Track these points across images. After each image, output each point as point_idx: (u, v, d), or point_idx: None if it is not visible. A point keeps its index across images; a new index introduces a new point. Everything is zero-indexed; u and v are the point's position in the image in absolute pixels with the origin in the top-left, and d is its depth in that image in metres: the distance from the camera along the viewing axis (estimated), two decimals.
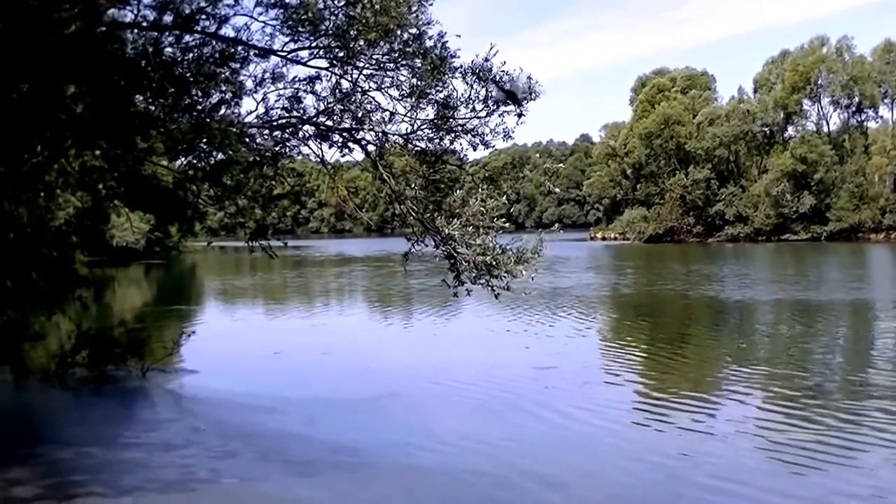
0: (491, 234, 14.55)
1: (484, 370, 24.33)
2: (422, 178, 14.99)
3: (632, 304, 44.53)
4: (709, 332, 32.76)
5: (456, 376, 23.61)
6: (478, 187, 14.72)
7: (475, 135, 14.59)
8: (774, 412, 18.75)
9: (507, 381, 22.72)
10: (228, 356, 28.16)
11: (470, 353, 27.89)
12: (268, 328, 36.55)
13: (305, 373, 25.04)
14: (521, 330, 33.15)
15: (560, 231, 17.19)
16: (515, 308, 38.28)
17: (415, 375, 24.06)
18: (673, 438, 16.91)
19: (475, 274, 14.68)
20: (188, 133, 14.51)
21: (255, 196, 16.19)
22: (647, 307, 42.66)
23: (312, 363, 26.63)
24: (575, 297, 46.03)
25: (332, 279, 70.32)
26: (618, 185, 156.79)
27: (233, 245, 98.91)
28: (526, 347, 28.78)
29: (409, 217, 15.00)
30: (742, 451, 15.77)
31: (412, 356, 27.83)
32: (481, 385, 22.34)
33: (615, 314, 40.68)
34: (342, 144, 15.23)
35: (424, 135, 14.82)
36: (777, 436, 16.73)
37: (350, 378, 23.75)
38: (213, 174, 15.46)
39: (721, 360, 26.04)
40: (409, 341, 31.74)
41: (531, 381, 22.61)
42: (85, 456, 15.76)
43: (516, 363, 25.50)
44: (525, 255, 14.49)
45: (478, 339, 31.69)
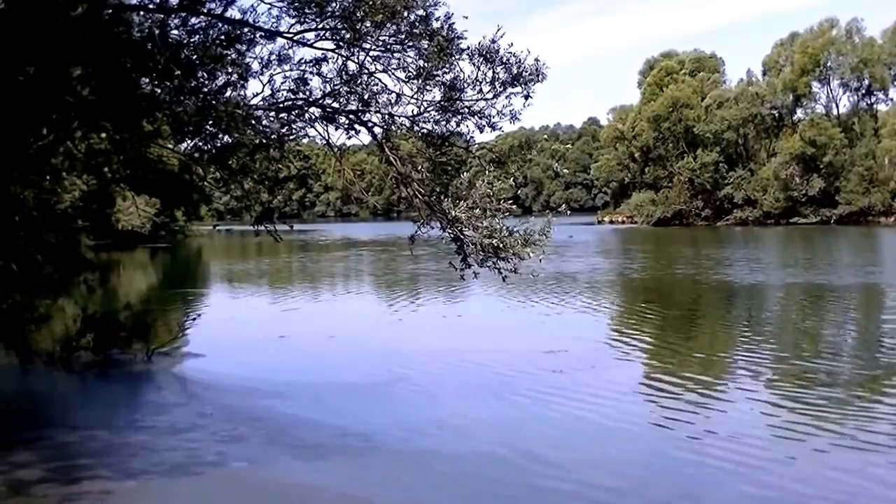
0: (498, 217, 14.53)
1: (493, 353, 24.34)
2: (428, 161, 14.98)
3: (641, 287, 44.54)
4: (719, 317, 32.75)
5: (465, 359, 23.63)
6: (484, 170, 14.73)
7: (482, 117, 14.58)
8: (786, 398, 18.71)
9: (516, 364, 22.72)
10: (234, 340, 28.19)
11: (478, 337, 27.90)
12: (273, 312, 36.54)
13: (312, 357, 25.08)
14: (529, 313, 33.17)
15: (568, 214, 17.15)
16: (523, 291, 38.28)
17: (423, 359, 24.07)
18: (684, 423, 16.90)
19: (482, 256, 14.68)
20: (194, 116, 14.49)
21: (260, 179, 16.17)
22: (656, 291, 42.65)
23: (319, 347, 26.67)
24: (583, 281, 46.06)
25: (338, 263, 70.40)
26: (626, 168, 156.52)
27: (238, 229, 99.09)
28: (535, 331, 28.80)
29: (416, 200, 15.00)
30: (754, 436, 15.75)
31: (420, 340, 27.85)
32: (490, 368, 22.36)
33: (624, 298, 40.68)
34: (348, 127, 15.22)
35: (431, 117, 14.81)
36: (790, 422, 16.71)
37: (357, 362, 23.78)
38: (218, 157, 15.46)
39: (732, 344, 26.04)
40: (416, 325, 31.77)
41: (541, 365, 22.61)
42: (90, 439, 15.82)
43: (525, 346, 25.51)
44: (532, 238, 14.48)
45: (486, 322, 31.71)
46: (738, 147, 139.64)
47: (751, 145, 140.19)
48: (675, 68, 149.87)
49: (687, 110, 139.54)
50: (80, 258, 21.43)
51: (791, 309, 34.12)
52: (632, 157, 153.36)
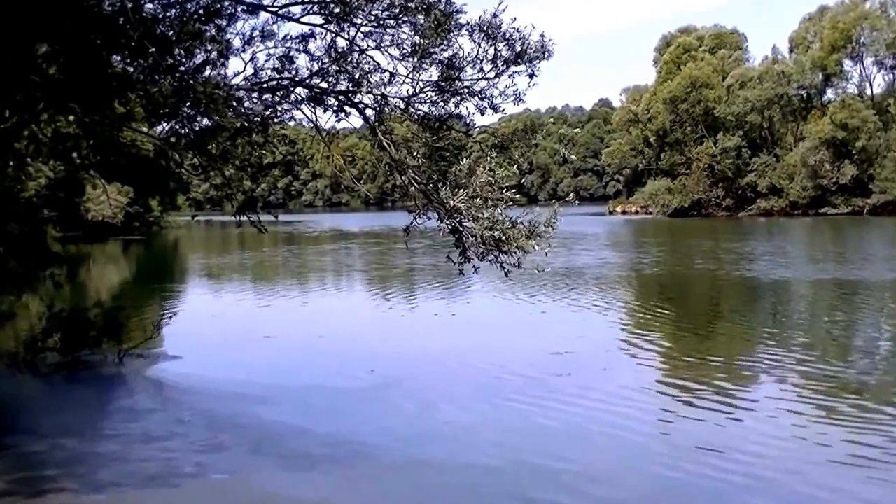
0: (500, 207, 14.51)
1: (495, 355, 24.38)
2: (425, 146, 14.98)
3: (656, 283, 44.57)
4: (741, 315, 32.71)
5: (464, 361, 23.66)
6: (486, 155, 14.71)
7: (483, 98, 14.56)
8: (813, 404, 18.72)
9: (520, 366, 22.74)
10: (214, 340, 28.23)
11: (479, 337, 27.93)
12: (257, 310, 36.59)
13: (300, 358, 25.10)
14: (534, 311, 33.21)
15: (576, 203, 17.10)
16: (528, 287, 38.30)
17: (419, 361, 24.11)
18: (701, 431, 16.92)
19: (483, 250, 14.67)
20: (170, 97, 14.48)
21: (243, 165, 16.17)
22: (672, 287, 42.72)
23: (307, 348, 26.70)
24: (593, 276, 46.10)
25: (327, 256, 70.40)
26: (640, 153, 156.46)
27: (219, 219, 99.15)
28: (540, 330, 28.83)
29: (411, 188, 14.99)
30: (776, 448, 15.75)
31: (416, 340, 27.91)
32: (492, 371, 22.39)
33: (638, 295, 40.68)
34: (338, 109, 15.20)
35: (428, 98, 14.79)
36: (816, 429, 16.74)
37: (349, 364, 23.79)
38: (197, 142, 15.45)
39: (755, 345, 26.04)
40: (412, 324, 31.79)
41: (547, 367, 22.63)
42: (57, 448, 15.82)
43: (530, 347, 25.54)
44: (538, 229, 14.46)
45: (487, 320, 31.76)
46: (763, 131, 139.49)
47: (776, 129, 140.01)
48: (693, 45, 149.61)
49: (706, 91, 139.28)
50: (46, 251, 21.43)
51: (820, 307, 34.13)
52: (646, 142, 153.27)
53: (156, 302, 39.75)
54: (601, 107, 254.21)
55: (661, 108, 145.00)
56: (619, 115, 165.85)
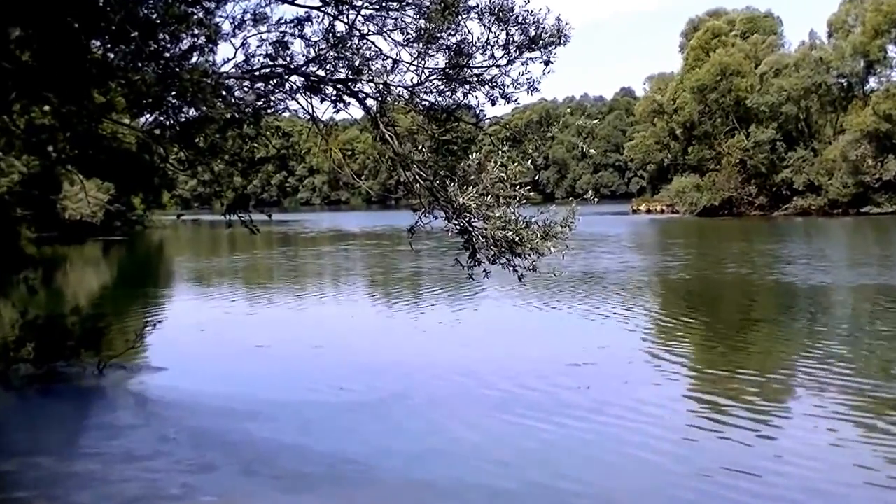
0: (513, 205, 14.50)
1: (507, 367, 24.35)
2: (431, 139, 14.98)
3: (683, 289, 44.48)
4: (775, 325, 32.61)
5: (473, 374, 23.64)
6: (497, 150, 14.69)
7: (494, 87, 14.56)
8: (852, 422, 18.60)
9: (533, 379, 22.73)
10: (202, 350, 28.26)
11: (490, 347, 27.92)
12: (249, 317, 36.60)
13: (295, 370, 25.10)
14: (550, 319, 33.21)
15: (596, 202, 17.09)
16: (543, 293, 38.30)
17: (425, 373, 24.09)
18: (729, 451, 16.86)
19: (494, 252, 14.66)
20: (154, 85, 14.49)
21: (233, 160, 16.18)
22: (701, 294, 42.64)
23: (303, 359, 26.69)
24: (615, 282, 46.04)
25: (325, 259, 70.39)
26: (665, 147, 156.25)
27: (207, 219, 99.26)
28: (556, 340, 28.80)
29: (416, 185, 14.99)
30: (812, 467, 15.68)
31: (421, 350, 27.87)
32: (503, 385, 22.36)
33: (663, 302, 40.61)
34: (336, 99, 15.21)
35: (434, 87, 14.79)
36: (855, 450, 16.67)
37: (349, 376, 23.78)
38: (183, 134, 15.46)
39: (789, 357, 25.97)
40: (417, 333, 31.77)
41: (562, 380, 22.61)
42: (30, 468, 15.82)
43: (544, 358, 25.52)
44: (554, 230, 14.45)
45: (499, 329, 31.75)
46: (799, 123, 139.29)
47: (814, 120, 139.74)
48: (723, 29, 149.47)
49: (738, 79, 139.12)
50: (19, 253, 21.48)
51: (862, 317, 34.03)
52: (672, 135, 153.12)
53: (139, 308, 39.75)
54: (623, 97, 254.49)
55: (689, 98, 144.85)
56: (643, 105, 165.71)
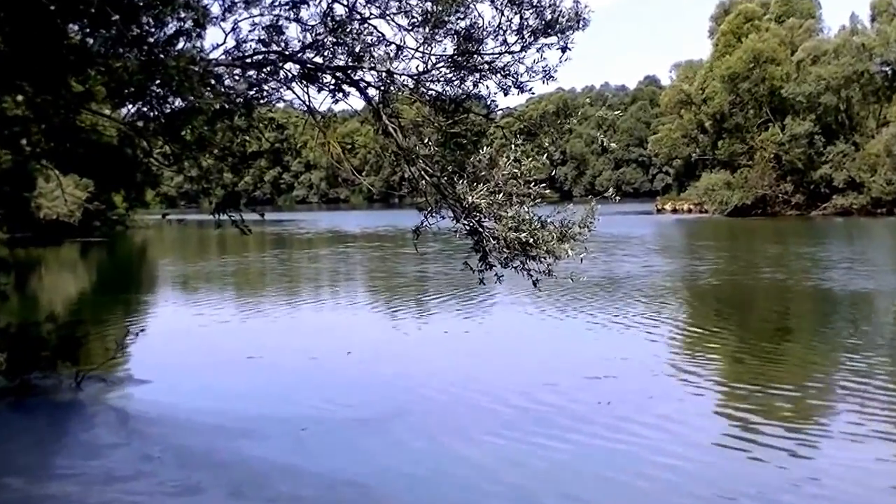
0: (527, 204, 14.49)
1: (519, 380, 24.34)
2: (438, 132, 14.98)
3: (713, 296, 44.40)
4: (813, 335, 32.58)
5: (483, 388, 23.61)
6: (510, 143, 14.68)
7: (506, 75, 14.56)
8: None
9: (548, 394, 22.71)
10: (189, 362, 28.26)
11: (500, 358, 27.93)
12: (239, 326, 36.60)
13: (290, 384, 25.09)
14: (567, 328, 33.19)
15: (617, 200, 17.02)
16: (560, 300, 38.29)
17: (430, 387, 24.07)
18: (762, 474, 16.81)
19: (507, 255, 14.66)
20: (137, 73, 14.50)
21: (223, 155, 16.19)
22: (732, 301, 42.57)
23: (299, 371, 26.69)
24: (638, 287, 46.00)
25: (322, 263, 70.46)
26: (693, 141, 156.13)
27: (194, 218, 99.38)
28: (573, 351, 28.79)
29: (422, 182, 14.99)
30: (852, 492, 15.63)
31: (426, 362, 27.85)
32: (515, 399, 22.34)
33: (691, 310, 40.59)
34: (335, 88, 15.22)
35: (441, 75, 14.80)
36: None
37: (347, 390, 23.80)
38: (169, 126, 15.47)
39: (829, 371, 25.88)
40: (421, 343, 31.77)
41: (580, 395, 22.60)
42: (2, 489, 15.83)
43: (561, 371, 25.50)
44: (571, 231, 14.44)
45: (511, 339, 31.76)
46: (839, 114, 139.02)
47: (855, 112, 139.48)
48: (756, 13, 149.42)
49: (772, 67, 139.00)
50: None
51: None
52: (701, 128, 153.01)
53: (120, 316, 39.79)
54: (647, 86, 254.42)
55: (719, 88, 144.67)
56: (669, 95, 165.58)
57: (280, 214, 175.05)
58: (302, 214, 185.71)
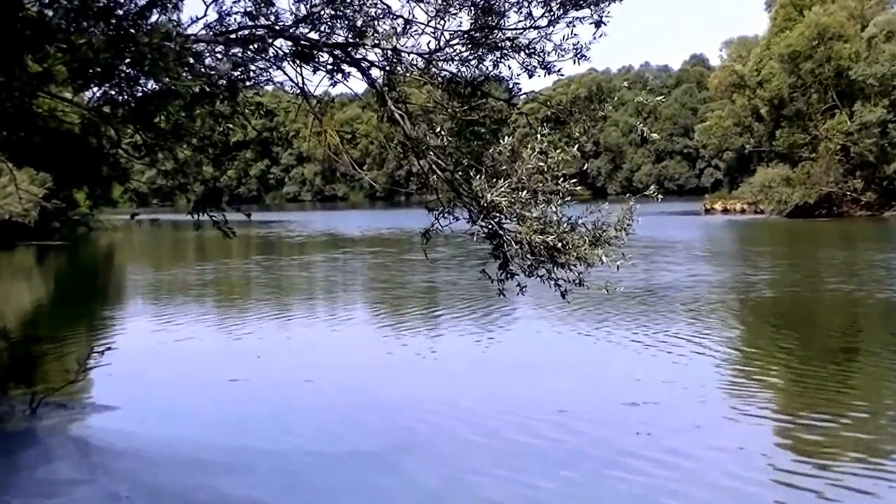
0: (555, 203, 14.44)
1: (545, 407, 24.32)
2: (452, 119, 14.96)
3: (769, 310, 44.32)
4: (890, 356, 32.42)
5: (504, 417, 23.60)
6: (535, 133, 14.63)
7: (531, 54, 14.52)
8: None
9: (579, 422, 22.71)
10: (163, 385, 28.24)
11: (524, 382, 27.85)
12: (221, 344, 36.61)
13: (279, 411, 25.07)
14: (600, 347, 33.16)
15: (659, 199, 16.95)
16: (592, 313, 38.29)
17: (442, 415, 24.06)
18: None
19: (531, 261, 14.60)
20: (103, 51, 14.49)
21: (202, 145, 16.17)
22: (792, 316, 42.51)
23: (290, 397, 26.66)
24: (683, 299, 45.94)
25: (316, 271, 70.47)
26: (747, 130, 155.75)
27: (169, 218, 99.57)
28: (608, 373, 28.77)
29: (433, 177, 14.96)
30: None
31: (437, 387, 27.81)
32: (542, 430, 22.32)
33: (745, 325, 40.43)
34: (333, 68, 15.20)
35: (456, 53, 14.77)
36: None
37: (347, 419, 23.80)
38: (140, 112, 15.46)
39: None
40: (432, 364, 31.63)
41: (617, 424, 22.59)
42: None
43: (594, 396, 25.52)
44: (606, 234, 14.40)
45: (535, 359, 31.63)
46: None
47: None
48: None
49: (839, 44, 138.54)
50: None
51: None
52: (756, 115, 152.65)
53: (82, 332, 39.85)
54: (694, 66, 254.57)
55: (777, 69, 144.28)
56: (719, 77, 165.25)
57: (268, 214, 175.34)
58: (293, 214, 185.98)
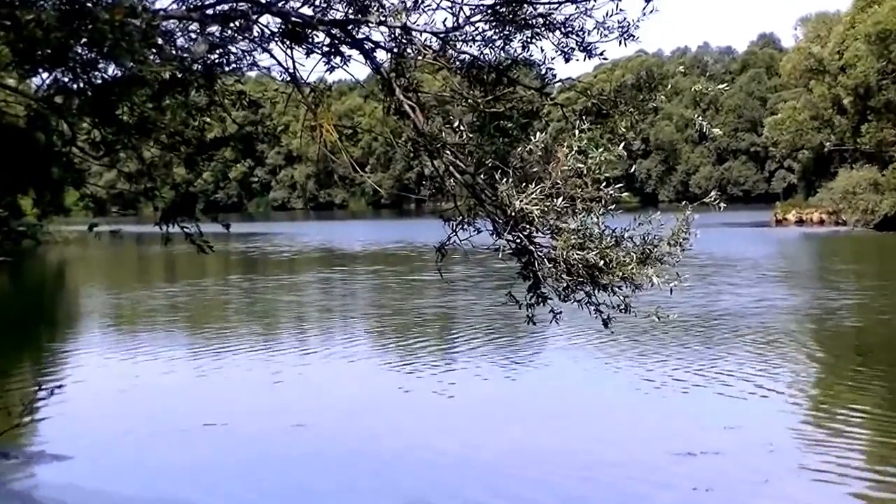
0: (596, 213, 14.36)
1: (584, 458, 24.35)
2: (472, 111, 14.95)
3: (853, 342, 44.21)
4: None
5: (535, 470, 23.61)
6: (573, 128, 14.59)
7: (568, 32, 14.50)
8: None
9: (626, 477, 22.73)
10: (123, 431, 28.22)
11: (558, 428, 27.81)
12: (195, 381, 36.58)
13: (265, 461, 25.11)
14: (650, 386, 33.13)
15: (721, 208, 16.86)
16: (639, 345, 38.28)
17: (461, 469, 24.07)
18: None
19: (567, 283, 14.50)
20: (55, 30, 14.53)
21: (173, 143, 16.19)
22: (882, 348, 42.35)
23: (274, 446, 26.61)
24: (749, 329, 45.84)
25: (308, 293, 70.37)
26: (826, 125, 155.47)
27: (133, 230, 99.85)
28: (658, 416, 28.76)
29: (450, 181, 14.93)
30: None
31: (454, 434, 27.72)
32: (580, 487, 22.36)
33: (823, 360, 40.24)
34: (330, 50, 15.21)
35: (478, 33, 14.76)
36: None
37: (340, 475, 23.80)
38: (99, 103, 15.48)
39: None
40: (445, 407, 31.57)
41: (670, 478, 22.59)
42: None
43: (642, 444, 25.49)
44: (658, 250, 14.36)
45: (573, 401, 31.67)
46: None
47: None
48: None
49: None
50: None
51: None
52: (838, 106, 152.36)
53: (27, 367, 39.89)
54: (763, 48, 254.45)
55: (863, 51, 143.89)
56: (793, 61, 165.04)
57: (251, 225, 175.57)
58: (281, 225, 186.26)
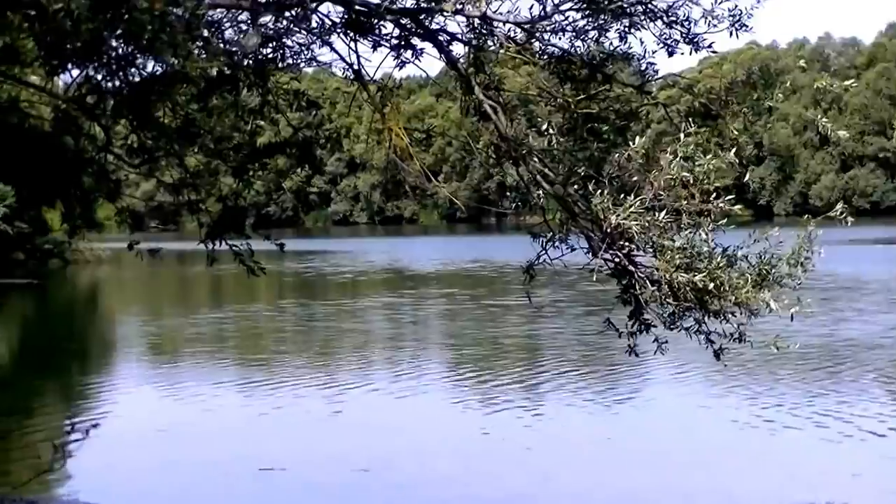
0: (705, 228, 14.30)
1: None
2: (562, 112, 14.93)
3: None
4: None
5: None
6: (677, 131, 14.53)
7: (672, 23, 14.46)
8: None
9: None
10: (165, 477, 28.28)
11: (663, 474, 27.74)
12: (245, 420, 36.60)
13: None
14: (766, 426, 32.98)
15: (849, 223, 16.67)
16: (755, 381, 38.13)
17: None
18: None
19: (673, 308, 14.46)
20: (86, 21, 14.53)
21: (220, 149, 16.19)
22: None
23: (339, 492, 26.67)
24: (881, 362, 45.55)
25: (374, 320, 70.43)
26: None
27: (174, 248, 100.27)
28: (777, 462, 28.64)
29: (537, 192, 14.90)
30: None
31: (543, 479, 27.69)
32: None
33: None
34: (399, 43, 15.21)
35: (568, 22, 14.74)
36: None
37: None
38: (136, 104, 15.49)
39: None
40: (533, 450, 31.43)
41: None
42: None
43: (761, 494, 25.40)
44: (776, 271, 14.29)
45: (680, 444, 31.54)
46: None
47: None
48: None
49: None
50: None
51: None
52: None
53: (55, 405, 39.98)
54: (892, 39, 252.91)
55: None
56: None
57: (308, 242, 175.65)
58: (342, 242, 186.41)
